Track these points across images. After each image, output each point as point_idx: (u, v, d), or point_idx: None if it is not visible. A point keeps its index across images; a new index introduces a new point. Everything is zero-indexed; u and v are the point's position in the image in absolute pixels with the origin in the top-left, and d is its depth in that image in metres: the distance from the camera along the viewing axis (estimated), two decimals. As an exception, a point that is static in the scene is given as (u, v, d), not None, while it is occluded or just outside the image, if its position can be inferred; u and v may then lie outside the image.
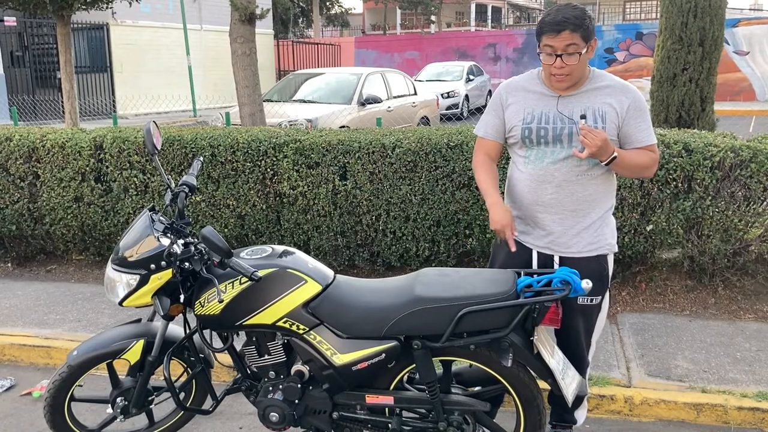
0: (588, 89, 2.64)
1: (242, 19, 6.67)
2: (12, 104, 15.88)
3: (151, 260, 2.62)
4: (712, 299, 4.46)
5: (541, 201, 2.69)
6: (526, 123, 2.67)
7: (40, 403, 3.61)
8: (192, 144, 5.03)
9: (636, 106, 2.63)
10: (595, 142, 2.48)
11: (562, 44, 2.50)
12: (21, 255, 5.68)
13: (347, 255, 4.98)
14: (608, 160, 2.55)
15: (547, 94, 2.67)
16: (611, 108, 2.61)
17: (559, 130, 2.62)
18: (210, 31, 22.74)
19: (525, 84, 2.75)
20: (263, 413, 2.73)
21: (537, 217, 2.72)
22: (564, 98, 2.64)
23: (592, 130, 2.49)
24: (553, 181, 2.65)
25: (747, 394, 3.36)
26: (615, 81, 2.68)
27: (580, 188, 2.66)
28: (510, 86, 2.78)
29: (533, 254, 2.77)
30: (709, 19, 6.27)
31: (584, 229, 2.70)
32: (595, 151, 2.50)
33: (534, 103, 2.68)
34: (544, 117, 2.64)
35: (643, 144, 2.65)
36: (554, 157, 2.64)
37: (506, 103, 2.75)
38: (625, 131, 2.65)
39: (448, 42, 26.89)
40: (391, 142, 4.70)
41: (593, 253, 2.72)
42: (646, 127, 2.65)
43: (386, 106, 10.83)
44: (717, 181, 4.26)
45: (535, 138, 2.65)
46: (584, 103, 2.62)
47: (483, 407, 2.63)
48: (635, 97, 2.64)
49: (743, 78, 20.74)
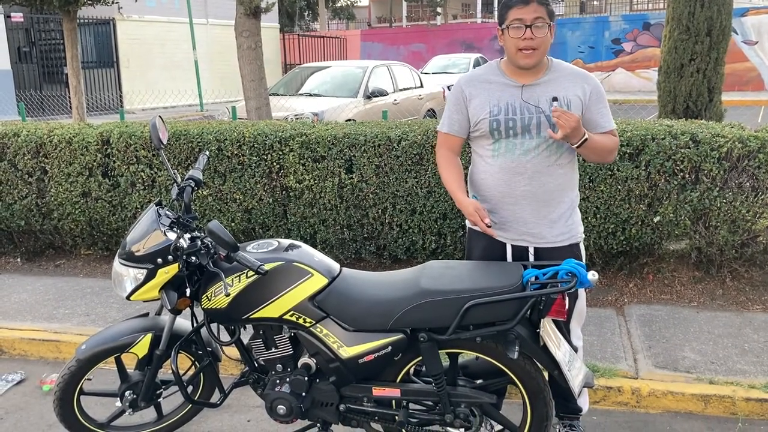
0: (550, 78, 2.67)
1: (247, 13, 6.67)
2: (19, 100, 15.96)
3: (158, 254, 2.63)
4: (720, 290, 4.45)
5: (514, 193, 2.69)
6: (493, 115, 2.66)
7: (49, 396, 3.63)
8: (198, 138, 5.04)
9: (597, 93, 2.69)
10: (570, 123, 2.49)
11: (532, 15, 2.53)
12: (30, 250, 5.72)
13: (354, 248, 4.99)
14: (580, 142, 2.57)
15: (511, 84, 2.67)
16: (575, 96, 2.65)
17: (527, 119, 2.63)
18: (216, 26, 22.75)
19: (486, 76, 2.74)
20: (271, 406, 2.74)
21: (509, 210, 2.72)
22: (528, 87, 2.65)
23: (565, 112, 2.50)
24: (525, 172, 2.66)
25: (755, 385, 3.35)
26: (574, 69, 2.74)
27: (551, 179, 2.68)
28: (470, 79, 2.76)
29: (507, 248, 2.77)
30: (716, 8, 6.24)
31: (557, 218, 2.73)
32: (569, 132, 2.51)
33: (498, 94, 2.67)
34: (510, 108, 2.64)
35: (606, 129, 2.71)
36: (524, 147, 2.65)
37: (468, 97, 2.73)
38: (587, 118, 2.69)
39: (454, 34, 26.81)
40: (397, 135, 4.70)
41: (566, 243, 2.75)
42: (607, 113, 2.73)
43: (392, 98, 10.81)
44: (725, 171, 4.24)
45: (503, 130, 2.65)
46: (549, 92, 2.63)
47: (489, 399, 2.63)
48: (595, 84, 2.71)
49: (752, 68, 20.59)
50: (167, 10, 21.10)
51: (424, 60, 22.98)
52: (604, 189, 4.37)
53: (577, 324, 2.91)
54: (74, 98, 8.95)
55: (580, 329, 2.95)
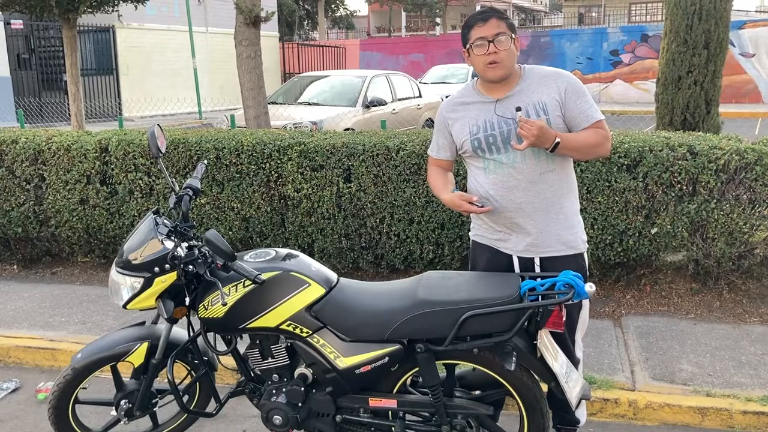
0: (522, 87, 2.68)
1: (247, 22, 6.69)
2: (18, 106, 15.95)
3: (155, 263, 2.63)
4: (717, 302, 4.45)
5: (512, 206, 2.70)
6: (473, 135, 2.69)
7: (44, 405, 3.60)
8: (197, 146, 5.05)
9: (573, 88, 2.67)
10: (532, 131, 2.49)
11: (493, 31, 2.58)
12: (26, 257, 5.71)
13: (351, 257, 4.98)
14: (552, 146, 2.56)
15: (485, 101, 2.71)
16: (550, 97, 2.64)
17: (506, 132, 2.64)
18: (215, 34, 22.79)
19: (463, 99, 2.79)
20: (267, 416, 2.73)
21: (512, 222, 2.73)
22: (501, 101, 2.68)
23: (527, 120, 2.51)
24: (519, 185, 2.67)
25: (752, 398, 3.35)
26: (545, 71, 2.73)
27: (546, 186, 2.69)
28: (449, 105, 2.83)
29: (514, 259, 2.79)
30: (714, 21, 6.28)
31: (561, 228, 2.73)
32: (534, 141, 2.51)
33: (476, 113, 2.71)
34: (488, 124, 2.67)
35: (591, 121, 2.67)
36: (510, 160, 2.66)
37: (449, 122, 2.80)
38: (569, 115, 2.67)
39: (453, 44, 26.86)
40: (396, 145, 4.70)
41: (571, 252, 2.75)
42: (589, 106, 2.68)
43: (391, 108, 10.83)
44: (722, 183, 4.25)
45: (486, 146, 2.68)
46: (522, 101, 2.64)
47: (486, 411, 2.63)
48: (569, 79, 2.69)
49: (749, 80, 20.67)
50: (167, 18, 21.15)
51: (422, 70, 23.04)
52: (602, 200, 4.37)
53: (581, 334, 2.92)
54: (73, 105, 8.95)
55: (581, 340, 2.95)
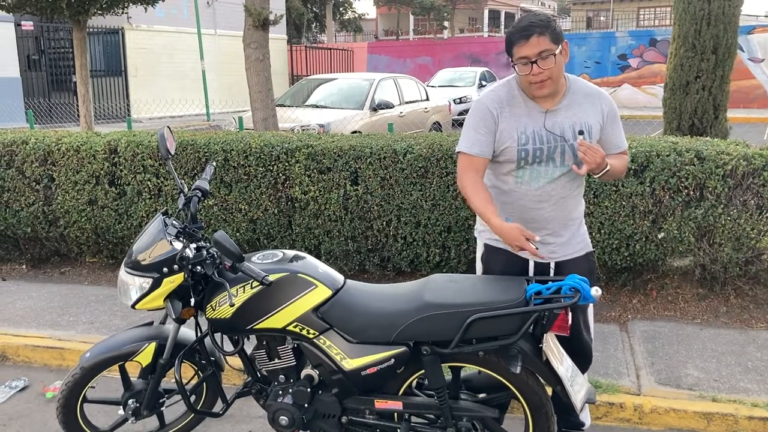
0: (570, 101, 2.66)
1: (256, 25, 6.73)
2: (28, 107, 16.04)
3: (163, 264, 2.65)
4: (724, 308, 4.44)
5: (539, 218, 2.71)
6: (521, 144, 2.62)
7: (53, 403, 3.64)
8: (205, 148, 5.07)
9: (612, 113, 2.71)
10: (595, 159, 2.50)
11: (534, 50, 2.49)
12: (35, 257, 5.75)
13: (358, 260, 5.00)
14: (602, 173, 2.59)
15: (534, 109, 2.65)
16: (594, 120, 2.66)
17: (552, 149, 2.63)
18: (224, 36, 22.88)
19: (510, 98, 2.67)
20: (273, 417, 2.75)
21: (534, 232, 2.68)
22: (550, 114, 2.64)
23: (591, 147, 2.51)
24: (551, 199, 2.69)
25: (758, 403, 3.34)
26: (591, 89, 2.73)
27: (573, 201, 2.74)
28: (494, 99, 2.68)
29: (530, 263, 2.80)
30: (722, 26, 6.26)
31: (575, 234, 2.80)
32: (593, 167, 2.53)
33: (525, 121, 2.64)
34: (537, 137, 2.63)
35: (620, 149, 2.74)
36: (549, 176, 2.66)
37: (498, 118, 2.65)
38: (603, 138, 2.70)
39: (461, 48, 26.92)
40: (403, 148, 4.72)
41: (582, 252, 2.80)
42: (621, 133, 2.75)
43: (398, 111, 10.85)
44: (729, 189, 4.24)
45: (531, 159, 2.65)
46: (570, 118, 2.63)
47: (492, 413, 2.64)
48: (610, 103, 2.72)
49: (758, 85, 20.60)
50: (176, 20, 21.24)
51: (430, 73, 23.06)
52: (609, 205, 4.37)
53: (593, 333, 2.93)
54: (82, 106, 9.00)
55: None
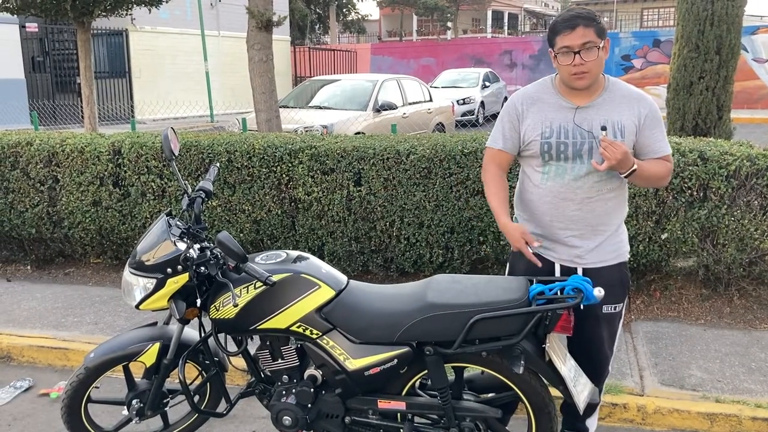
0: (604, 99, 2.60)
1: (259, 26, 6.73)
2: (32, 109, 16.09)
3: (167, 264, 2.66)
4: (728, 308, 4.44)
5: (563, 218, 2.65)
6: (545, 137, 2.60)
7: (57, 403, 3.65)
8: (209, 149, 5.09)
9: (652, 116, 2.60)
10: (615, 155, 2.44)
11: (579, 41, 2.46)
12: (40, 258, 5.77)
13: (361, 260, 5.00)
14: (628, 172, 2.52)
15: (565, 105, 2.61)
16: (629, 120, 2.57)
17: (579, 145, 2.57)
18: (227, 38, 22.91)
19: (540, 95, 2.68)
20: (276, 417, 2.76)
21: (558, 234, 2.68)
22: (581, 110, 2.59)
23: (612, 143, 2.45)
24: (575, 198, 2.62)
25: (761, 404, 3.34)
26: (630, 90, 2.65)
27: (601, 204, 2.63)
28: (524, 96, 2.71)
29: (556, 266, 2.73)
30: (726, 27, 6.25)
31: (607, 243, 2.69)
32: (615, 165, 2.47)
33: (552, 116, 2.62)
34: (563, 131, 2.59)
35: (660, 155, 2.62)
36: (575, 173, 2.60)
37: (523, 114, 2.67)
38: (641, 142, 2.61)
39: (464, 48, 26.90)
40: (406, 149, 4.72)
41: (614, 262, 2.70)
42: (662, 137, 2.62)
43: (401, 112, 10.85)
44: (733, 189, 4.24)
45: (554, 153, 2.60)
46: (602, 115, 2.57)
47: (495, 414, 2.64)
48: (651, 107, 2.61)
49: (762, 86, 20.55)
50: (180, 22, 21.28)
51: (433, 74, 23.07)
52: (612, 205, 4.37)
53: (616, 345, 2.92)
54: (86, 108, 9.02)
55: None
